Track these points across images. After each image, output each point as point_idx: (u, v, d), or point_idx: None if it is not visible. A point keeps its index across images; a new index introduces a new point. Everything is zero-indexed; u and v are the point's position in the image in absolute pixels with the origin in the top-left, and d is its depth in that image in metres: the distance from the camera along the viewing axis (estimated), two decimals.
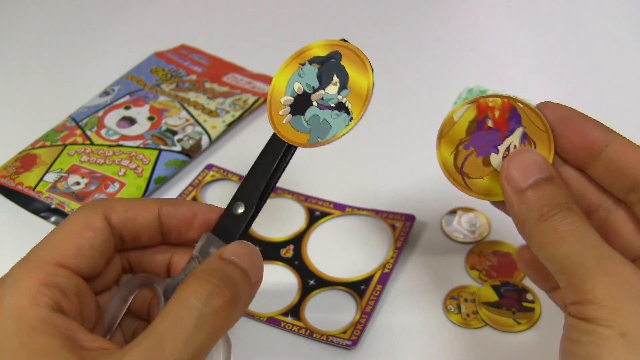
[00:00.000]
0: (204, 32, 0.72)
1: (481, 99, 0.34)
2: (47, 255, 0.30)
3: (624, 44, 0.68)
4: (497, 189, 0.34)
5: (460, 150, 0.35)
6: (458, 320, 0.44)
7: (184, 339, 0.26)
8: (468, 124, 0.34)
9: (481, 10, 0.74)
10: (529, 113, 0.34)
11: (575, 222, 0.29)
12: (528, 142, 0.34)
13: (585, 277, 0.28)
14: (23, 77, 0.68)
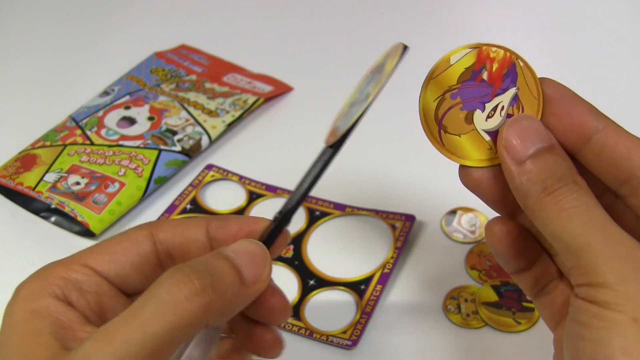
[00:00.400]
0: (204, 32, 0.72)
1: (484, 46, 0.32)
2: (79, 256, 0.31)
3: (624, 41, 0.68)
4: (471, 152, 0.32)
5: (446, 98, 0.32)
6: (458, 320, 0.44)
7: (138, 324, 0.26)
8: (463, 71, 0.32)
9: (482, 11, 0.74)
10: (526, 74, 0.32)
11: (581, 198, 0.28)
12: (517, 105, 0.31)
13: (596, 260, 0.27)
14: (23, 77, 0.68)
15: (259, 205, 0.53)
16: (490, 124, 0.32)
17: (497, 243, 0.33)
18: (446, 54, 0.32)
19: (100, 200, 0.51)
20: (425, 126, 0.32)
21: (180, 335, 0.27)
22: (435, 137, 0.32)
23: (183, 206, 0.53)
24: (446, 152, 0.32)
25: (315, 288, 0.47)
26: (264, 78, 0.65)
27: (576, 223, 0.28)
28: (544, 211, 0.29)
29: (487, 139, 0.32)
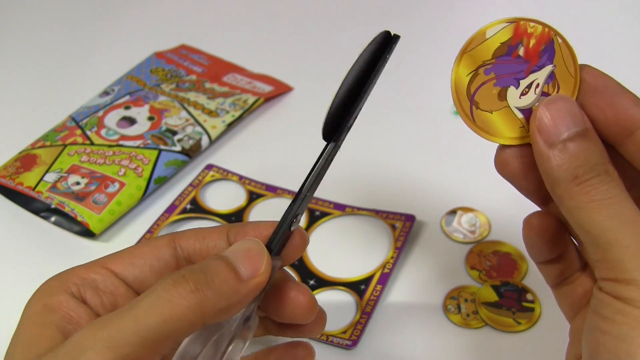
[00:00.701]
0: (204, 32, 0.72)
1: (522, 21, 0.31)
2: (100, 260, 0.32)
3: (625, 42, 0.68)
4: (503, 129, 0.31)
5: (480, 73, 0.31)
6: (458, 320, 0.44)
7: (133, 315, 0.27)
8: (499, 45, 0.31)
9: (482, 11, 0.74)
10: (564, 52, 0.30)
11: (612, 190, 0.27)
12: (552, 83, 0.30)
13: (624, 255, 0.26)
14: (23, 77, 0.68)
15: (259, 205, 0.53)
16: (524, 102, 0.31)
17: (534, 236, 0.32)
18: (482, 28, 0.31)
19: (100, 200, 0.51)
20: (456, 101, 0.31)
21: (175, 329, 0.27)
22: (467, 113, 0.31)
23: (183, 206, 0.53)
24: (477, 129, 0.31)
25: (315, 288, 0.47)
26: (264, 78, 0.65)
27: (605, 216, 0.27)
28: (573, 200, 0.28)
29: (519, 116, 0.31)
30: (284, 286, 0.32)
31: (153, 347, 0.27)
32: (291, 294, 0.32)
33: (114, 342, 0.26)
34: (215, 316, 0.29)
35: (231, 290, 0.29)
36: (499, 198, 0.53)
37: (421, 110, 0.61)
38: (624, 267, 0.26)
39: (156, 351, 0.27)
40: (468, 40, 0.31)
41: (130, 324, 0.26)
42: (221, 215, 0.52)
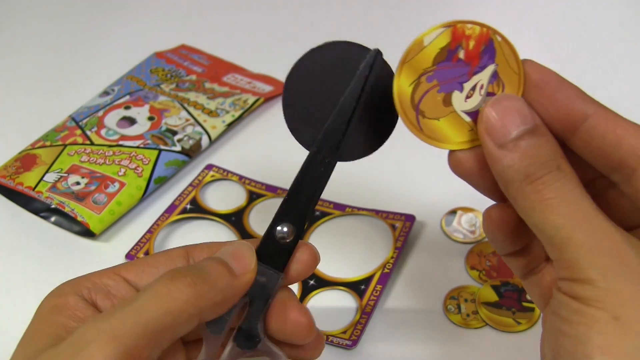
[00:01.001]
0: (204, 32, 0.72)
1: (459, 24, 0.30)
2: (114, 267, 0.33)
3: (625, 40, 0.68)
4: (452, 135, 0.30)
5: (422, 81, 0.30)
6: (458, 320, 0.44)
7: (133, 308, 0.27)
8: (438, 51, 0.30)
9: (481, 12, 0.74)
10: (505, 50, 0.30)
11: (565, 186, 0.27)
12: (497, 82, 0.30)
13: (579, 254, 0.26)
14: (23, 77, 0.68)
15: (259, 205, 0.53)
16: (470, 104, 0.30)
17: (495, 230, 0.31)
18: (419, 36, 0.30)
19: (100, 200, 0.51)
20: (401, 113, 0.31)
21: (174, 322, 0.28)
22: (413, 123, 0.31)
23: (183, 206, 0.53)
24: (425, 138, 0.31)
25: (315, 288, 0.47)
26: (264, 78, 0.65)
27: (558, 214, 0.26)
28: (526, 200, 0.27)
29: (467, 120, 0.30)
30: (286, 305, 0.32)
31: (153, 339, 0.27)
32: (292, 314, 0.32)
33: (116, 333, 0.26)
34: (212, 309, 0.30)
35: (226, 284, 0.30)
36: None
37: None
38: (579, 266, 0.26)
39: (156, 342, 0.28)
40: (406, 50, 0.30)
41: (132, 316, 0.27)
42: (221, 215, 0.52)
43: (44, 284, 0.32)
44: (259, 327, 0.32)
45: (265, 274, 0.32)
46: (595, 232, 0.26)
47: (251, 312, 0.32)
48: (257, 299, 0.32)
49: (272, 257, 0.32)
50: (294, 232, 0.33)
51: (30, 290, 0.32)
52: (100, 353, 0.26)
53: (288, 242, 0.33)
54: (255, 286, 0.32)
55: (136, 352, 0.27)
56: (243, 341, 0.32)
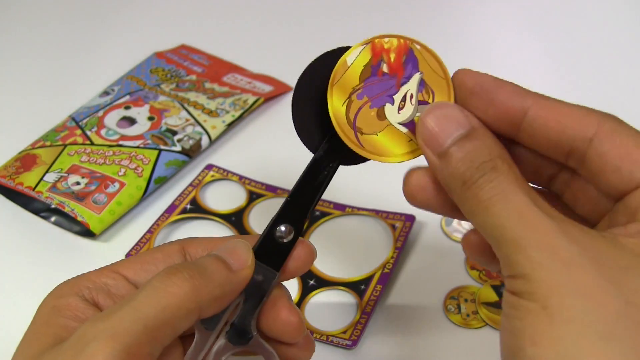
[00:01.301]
0: (204, 32, 0.72)
1: (376, 39, 0.31)
2: (113, 265, 0.33)
3: (625, 42, 0.68)
4: (393, 148, 0.31)
5: (353, 99, 0.31)
6: (458, 320, 0.44)
7: (132, 305, 0.28)
8: (362, 69, 0.31)
9: (481, 12, 0.74)
10: (426, 56, 0.31)
11: (499, 186, 0.27)
12: (425, 90, 0.30)
13: (512, 250, 0.26)
14: (23, 77, 0.68)
15: (259, 205, 0.53)
16: (404, 115, 0.31)
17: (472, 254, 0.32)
18: (341, 58, 0.31)
19: (100, 200, 0.51)
20: (341, 133, 0.31)
21: (173, 317, 0.28)
22: (353, 141, 0.31)
23: (183, 206, 0.53)
24: (368, 154, 0.31)
25: (315, 288, 0.47)
26: (264, 78, 0.65)
27: (493, 214, 0.27)
28: (466, 205, 0.28)
29: (404, 131, 0.31)
30: (277, 304, 0.33)
31: (153, 335, 0.27)
32: (282, 313, 0.33)
33: (115, 331, 0.27)
34: (211, 304, 0.30)
35: (224, 279, 0.30)
36: None
37: None
38: (513, 262, 0.26)
39: (156, 339, 0.28)
40: (332, 73, 0.31)
41: (130, 313, 0.27)
42: (221, 215, 0.52)
43: (44, 284, 0.32)
44: (252, 324, 0.32)
45: (262, 272, 0.33)
46: (527, 226, 0.26)
47: (245, 308, 0.32)
48: (252, 296, 0.32)
49: (270, 256, 0.33)
50: (293, 232, 0.33)
51: (31, 290, 0.32)
52: (101, 352, 0.26)
53: (286, 242, 0.33)
54: (251, 284, 0.32)
55: (136, 350, 0.27)
56: (235, 337, 0.32)
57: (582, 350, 0.24)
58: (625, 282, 0.25)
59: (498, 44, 0.69)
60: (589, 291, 0.24)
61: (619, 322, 0.24)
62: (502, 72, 0.70)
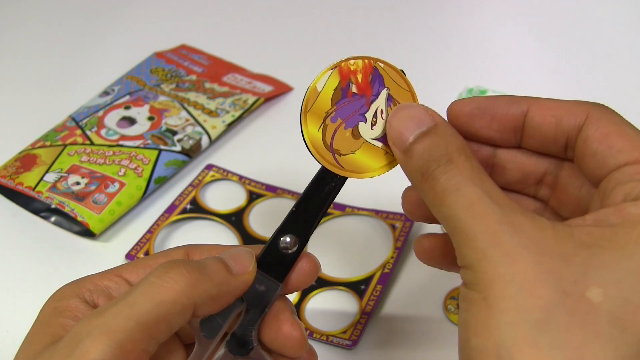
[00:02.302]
0: (204, 32, 0.72)
1: (342, 63, 0.32)
2: (115, 268, 0.33)
3: (625, 43, 0.68)
4: (371, 162, 0.32)
5: (328, 123, 0.32)
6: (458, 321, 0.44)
7: (126, 302, 0.28)
8: (333, 93, 0.32)
9: (482, 11, 0.74)
10: (390, 72, 0.33)
11: (452, 177, 0.27)
12: (394, 104, 0.32)
13: (462, 241, 0.26)
14: (23, 77, 0.68)
15: (259, 206, 0.53)
16: (377, 131, 0.32)
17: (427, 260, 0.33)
18: (311, 84, 0.32)
19: (100, 200, 0.51)
20: (319, 157, 0.33)
21: (167, 312, 0.28)
22: (333, 163, 0.32)
23: (183, 206, 0.53)
24: (349, 173, 0.33)
25: (315, 288, 0.47)
26: (264, 78, 0.65)
27: (447, 205, 0.27)
28: (425, 197, 0.29)
29: (379, 145, 0.32)
30: (280, 317, 0.33)
31: (147, 331, 0.27)
32: (284, 326, 0.32)
33: (109, 328, 0.27)
34: (206, 302, 0.30)
35: (222, 279, 0.30)
36: None
37: None
38: (463, 253, 0.26)
39: (151, 334, 0.28)
40: (304, 100, 0.32)
41: (124, 310, 0.27)
42: (221, 215, 0.52)
43: (44, 284, 0.32)
44: (253, 335, 0.32)
45: (265, 283, 0.32)
46: (476, 216, 0.26)
47: (247, 319, 0.32)
48: (254, 306, 0.32)
49: (273, 267, 0.33)
50: (298, 243, 0.33)
51: (31, 290, 0.32)
52: (94, 348, 0.26)
53: (290, 253, 0.33)
54: (253, 294, 0.32)
55: (130, 346, 0.27)
56: (236, 347, 0.32)
57: (516, 340, 0.24)
58: (564, 271, 0.25)
59: (498, 46, 0.69)
60: (527, 281, 0.25)
61: (554, 312, 0.24)
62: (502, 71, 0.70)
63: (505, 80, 0.64)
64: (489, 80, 0.63)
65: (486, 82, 0.63)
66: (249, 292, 0.32)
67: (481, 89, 0.62)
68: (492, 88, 0.62)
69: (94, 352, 0.26)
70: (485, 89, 0.62)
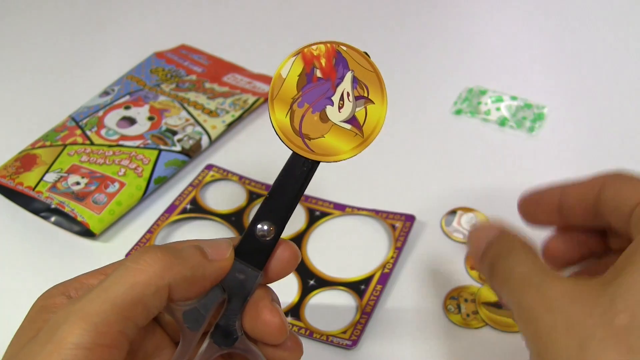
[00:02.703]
0: (204, 32, 0.72)
1: (305, 49, 0.33)
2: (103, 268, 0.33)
3: (625, 43, 0.68)
4: (342, 145, 0.33)
5: (295, 109, 0.33)
6: (458, 320, 0.44)
7: (102, 287, 0.29)
8: (298, 79, 0.33)
9: (482, 11, 0.74)
10: (354, 55, 0.33)
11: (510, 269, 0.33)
12: (360, 86, 0.32)
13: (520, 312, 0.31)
14: (23, 77, 0.68)
15: (258, 205, 0.53)
16: (345, 113, 0.33)
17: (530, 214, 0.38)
18: (276, 71, 0.33)
19: (100, 200, 0.51)
20: (289, 143, 0.33)
21: (141, 294, 0.29)
22: (303, 148, 0.33)
23: (183, 206, 0.53)
24: (320, 157, 0.33)
25: (315, 288, 0.47)
26: (264, 78, 0.65)
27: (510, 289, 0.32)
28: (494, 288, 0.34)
29: (348, 127, 0.33)
30: (259, 305, 0.33)
31: (122, 313, 0.28)
32: (264, 314, 0.33)
33: (85, 312, 0.28)
34: (180, 285, 0.30)
35: (197, 263, 0.31)
36: (499, 198, 0.53)
37: (421, 110, 0.61)
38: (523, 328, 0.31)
39: (126, 317, 0.28)
40: (270, 88, 0.33)
41: (100, 294, 0.28)
42: (221, 215, 0.52)
43: (44, 284, 0.32)
44: (237, 325, 0.32)
45: (244, 272, 0.32)
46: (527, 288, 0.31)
47: (229, 309, 0.32)
48: (236, 296, 0.32)
49: (252, 255, 0.33)
50: (275, 230, 0.33)
51: (31, 290, 0.32)
52: (71, 333, 0.27)
53: (268, 240, 0.33)
54: (233, 283, 0.32)
55: (106, 328, 0.27)
56: (220, 338, 0.32)
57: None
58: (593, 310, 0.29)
59: (498, 46, 0.69)
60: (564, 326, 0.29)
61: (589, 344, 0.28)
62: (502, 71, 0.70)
63: (506, 80, 0.64)
64: (489, 80, 0.63)
65: (486, 82, 0.63)
66: (229, 282, 0.32)
67: (481, 89, 0.62)
68: (492, 88, 0.62)
69: (71, 337, 0.27)
70: (485, 89, 0.62)
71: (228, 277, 0.32)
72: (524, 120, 0.59)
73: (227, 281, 0.32)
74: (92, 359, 0.27)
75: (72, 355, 0.27)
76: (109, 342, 0.28)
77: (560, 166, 0.55)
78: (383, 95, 0.33)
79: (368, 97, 0.33)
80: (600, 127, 0.58)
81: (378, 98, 0.33)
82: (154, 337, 0.34)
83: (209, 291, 0.32)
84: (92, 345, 0.27)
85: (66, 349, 0.27)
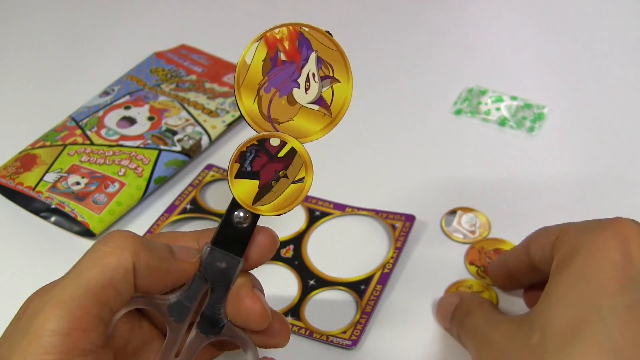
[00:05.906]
0: (204, 32, 0.72)
1: (267, 32, 0.32)
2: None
3: (625, 44, 0.68)
4: (311, 126, 0.33)
5: (262, 94, 0.33)
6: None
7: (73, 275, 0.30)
8: (262, 64, 0.33)
9: (481, 11, 0.74)
10: (317, 35, 0.32)
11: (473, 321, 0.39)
12: (324, 65, 0.33)
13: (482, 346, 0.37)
14: (23, 77, 0.68)
15: None
16: (311, 95, 0.33)
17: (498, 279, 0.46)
18: (240, 58, 0.33)
19: (100, 200, 0.51)
20: (258, 128, 0.33)
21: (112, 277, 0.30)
22: (273, 132, 0.33)
23: (183, 206, 0.53)
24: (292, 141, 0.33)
25: (315, 288, 0.47)
26: None
27: (473, 344, 0.38)
28: (463, 342, 0.40)
29: (315, 108, 0.33)
30: (240, 292, 0.33)
31: (96, 297, 0.29)
32: (246, 301, 0.33)
33: (59, 299, 0.28)
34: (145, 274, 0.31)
35: (163, 256, 0.32)
36: (499, 198, 0.53)
37: (421, 110, 0.61)
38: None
39: (100, 300, 0.29)
40: (235, 75, 0.33)
41: (73, 280, 0.29)
42: (221, 216, 0.52)
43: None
44: (222, 313, 0.32)
45: (225, 259, 0.33)
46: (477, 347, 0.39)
47: (213, 298, 0.33)
48: (218, 284, 0.33)
49: (231, 243, 0.33)
50: (251, 216, 0.33)
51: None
52: (47, 321, 0.28)
53: (245, 227, 0.33)
54: (215, 272, 0.33)
55: (81, 312, 0.28)
56: (207, 327, 0.32)
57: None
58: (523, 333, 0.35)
59: (498, 46, 0.69)
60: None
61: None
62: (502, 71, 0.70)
63: (506, 80, 0.64)
64: (489, 80, 0.63)
65: (486, 82, 0.63)
66: (211, 271, 0.33)
67: (481, 89, 0.62)
68: (492, 88, 0.62)
69: (48, 324, 0.28)
70: (485, 89, 0.62)
71: (209, 267, 0.33)
72: (524, 120, 0.59)
73: (209, 270, 0.33)
74: (70, 343, 0.28)
75: (49, 342, 0.27)
76: (85, 326, 0.28)
77: (560, 166, 0.55)
78: (348, 73, 0.33)
79: (333, 77, 0.33)
80: (600, 127, 0.58)
81: (343, 76, 0.33)
82: (141, 331, 0.34)
83: (192, 283, 0.33)
84: (69, 330, 0.28)
85: (44, 337, 0.28)
